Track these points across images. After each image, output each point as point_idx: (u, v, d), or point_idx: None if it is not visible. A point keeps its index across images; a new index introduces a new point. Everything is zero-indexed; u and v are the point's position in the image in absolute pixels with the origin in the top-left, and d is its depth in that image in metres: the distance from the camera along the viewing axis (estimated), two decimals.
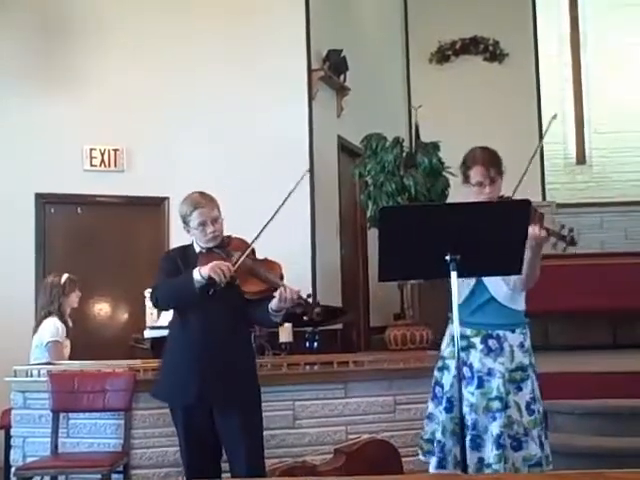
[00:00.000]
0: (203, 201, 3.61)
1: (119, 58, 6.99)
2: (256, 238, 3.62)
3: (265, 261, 3.67)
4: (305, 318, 3.60)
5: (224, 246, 3.65)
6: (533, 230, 3.14)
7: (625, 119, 10.22)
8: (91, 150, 6.93)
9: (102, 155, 6.95)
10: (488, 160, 3.40)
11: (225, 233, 3.71)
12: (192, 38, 7.10)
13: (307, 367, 4.74)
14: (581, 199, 9.95)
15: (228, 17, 7.21)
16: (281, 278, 3.57)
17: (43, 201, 6.81)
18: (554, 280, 6.84)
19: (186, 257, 3.66)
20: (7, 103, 6.77)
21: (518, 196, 3.16)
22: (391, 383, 4.78)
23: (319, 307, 3.59)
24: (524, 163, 3.41)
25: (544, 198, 9.90)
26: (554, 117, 3.58)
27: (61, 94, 6.82)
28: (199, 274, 3.44)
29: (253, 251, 3.67)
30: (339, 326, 6.21)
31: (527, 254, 3.15)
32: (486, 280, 3.40)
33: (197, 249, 3.69)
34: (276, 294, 3.45)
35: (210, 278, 3.41)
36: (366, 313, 8.44)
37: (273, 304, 3.47)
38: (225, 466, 3.70)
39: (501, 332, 3.39)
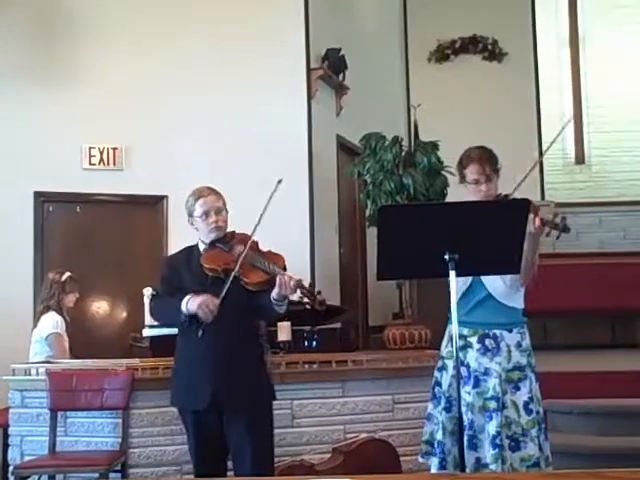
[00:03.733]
0: (207, 191, 3.69)
1: (118, 56, 6.97)
2: (253, 232, 3.61)
3: (268, 253, 3.69)
4: (308, 307, 3.60)
5: (227, 241, 3.67)
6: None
7: (624, 119, 10.20)
8: (90, 148, 6.92)
9: (101, 153, 6.94)
10: (483, 158, 3.45)
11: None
12: (191, 37, 7.08)
13: (306, 366, 4.75)
14: (580, 199, 9.92)
15: (227, 16, 7.18)
16: (284, 269, 3.58)
17: (42, 199, 6.79)
18: (552, 279, 6.83)
19: (191, 259, 3.67)
20: (6, 101, 6.75)
21: (517, 195, 3.16)
22: (389, 382, 4.78)
23: (322, 296, 3.58)
24: (522, 162, 3.42)
25: (543, 197, 9.87)
26: (569, 121, 3.60)
27: (60, 92, 6.81)
28: (186, 307, 3.47)
29: (257, 243, 3.68)
30: (338, 325, 6.20)
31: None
32: (483, 276, 3.41)
33: (201, 248, 3.70)
34: (276, 281, 3.46)
35: (196, 315, 3.44)
36: (365, 312, 8.43)
37: (274, 292, 3.47)
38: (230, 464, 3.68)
39: (498, 331, 3.40)
